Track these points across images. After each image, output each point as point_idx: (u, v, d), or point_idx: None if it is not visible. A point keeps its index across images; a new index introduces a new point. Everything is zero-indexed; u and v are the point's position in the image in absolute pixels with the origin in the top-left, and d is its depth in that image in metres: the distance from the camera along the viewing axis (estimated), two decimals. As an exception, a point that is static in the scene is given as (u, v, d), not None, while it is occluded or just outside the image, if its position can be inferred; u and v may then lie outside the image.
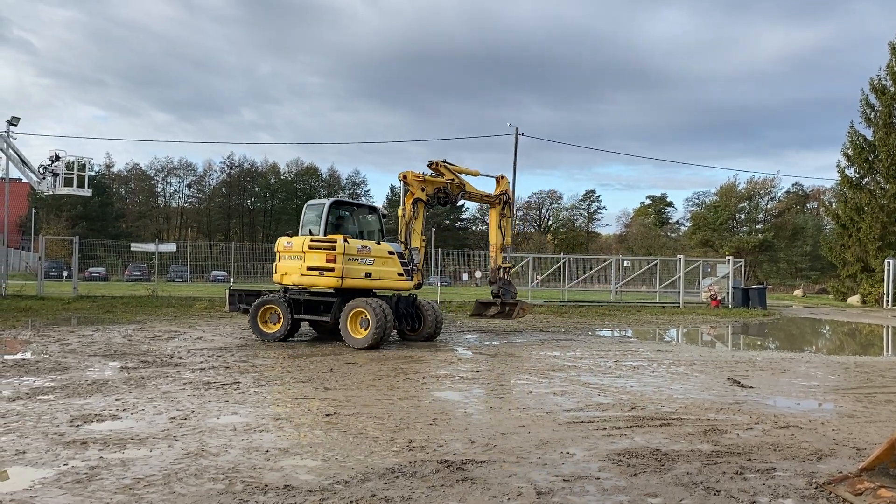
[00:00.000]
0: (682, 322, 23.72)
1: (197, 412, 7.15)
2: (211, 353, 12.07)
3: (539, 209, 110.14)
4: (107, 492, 4.60)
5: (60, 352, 11.72)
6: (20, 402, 7.51)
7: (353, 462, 5.41)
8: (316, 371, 10.17)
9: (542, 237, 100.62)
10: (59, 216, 71.07)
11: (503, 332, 17.90)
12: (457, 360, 11.98)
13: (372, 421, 6.90)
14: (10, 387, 8.41)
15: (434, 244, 72.30)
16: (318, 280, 13.74)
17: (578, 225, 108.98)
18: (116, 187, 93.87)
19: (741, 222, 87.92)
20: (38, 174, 19.56)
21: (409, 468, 5.26)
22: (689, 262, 34.28)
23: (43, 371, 9.63)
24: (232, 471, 5.11)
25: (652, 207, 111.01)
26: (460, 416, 7.30)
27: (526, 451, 5.85)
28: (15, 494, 4.52)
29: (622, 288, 33.42)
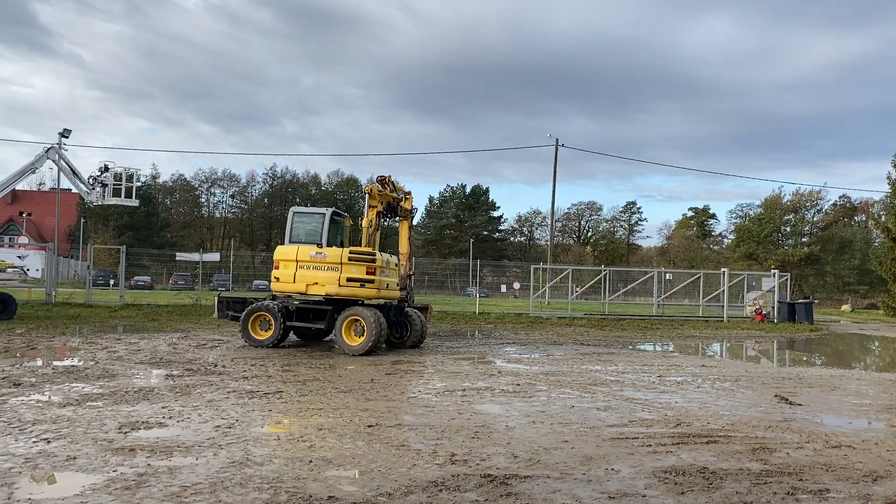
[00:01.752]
0: (727, 336, 23.27)
1: (241, 421, 7.23)
2: (254, 361, 12.20)
3: (578, 220, 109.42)
4: (154, 499, 4.66)
5: (108, 359, 11.96)
6: (70, 408, 7.67)
7: (396, 474, 5.40)
8: (357, 381, 10.21)
9: (582, 249, 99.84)
10: (107, 226, 72.82)
11: (543, 344, 17.77)
12: (497, 372, 11.92)
13: (413, 433, 6.89)
14: (60, 393, 8.60)
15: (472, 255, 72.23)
16: (358, 291, 14.03)
17: (619, 237, 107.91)
18: (162, 198, 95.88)
19: (786, 235, 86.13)
20: (87, 185, 20.05)
21: (452, 482, 5.23)
22: (734, 276, 33.63)
23: (91, 378, 9.84)
24: (276, 481, 5.14)
25: (694, 219, 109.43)
26: (502, 429, 7.25)
27: (570, 467, 5.78)
28: (66, 500, 4.60)
29: (664, 301, 32.96)
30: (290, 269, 14.29)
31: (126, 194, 20.31)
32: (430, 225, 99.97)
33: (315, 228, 15.01)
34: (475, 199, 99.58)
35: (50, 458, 5.60)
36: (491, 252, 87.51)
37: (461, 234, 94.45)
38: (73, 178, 20.24)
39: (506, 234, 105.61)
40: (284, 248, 14.74)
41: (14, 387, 8.86)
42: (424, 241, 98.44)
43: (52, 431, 6.48)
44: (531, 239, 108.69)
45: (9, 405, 7.70)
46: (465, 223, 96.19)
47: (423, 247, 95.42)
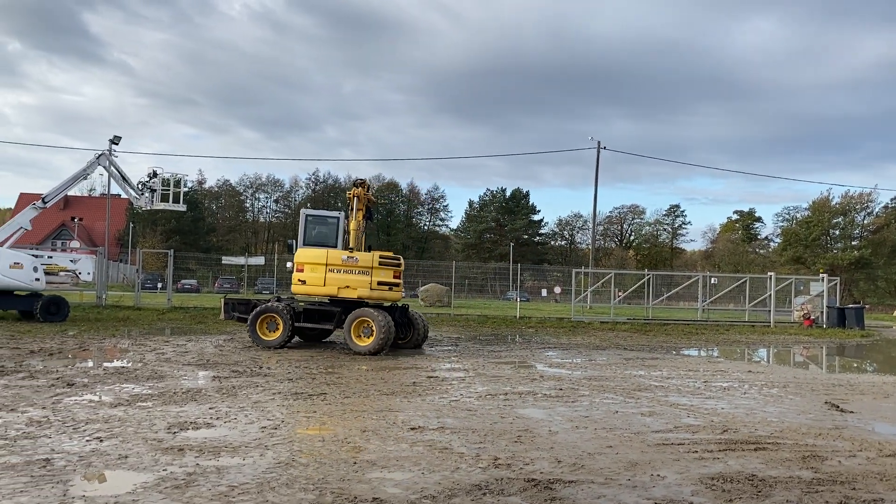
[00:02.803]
0: (774, 342, 22.79)
1: (286, 422, 7.32)
2: (298, 364, 12.34)
3: (620, 224, 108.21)
4: (203, 498, 4.75)
5: (156, 360, 12.22)
6: (121, 408, 7.86)
7: (439, 477, 5.42)
8: (400, 385, 10.25)
9: (624, 253, 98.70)
10: (155, 230, 74.41)
11: (585, 349, 17.62)
12: (538, 377, 11.86)
13: (456, 436, 6.90)
14: (111, 393, 8.82)
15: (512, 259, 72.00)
16: (387, 294, 14.67)
17: (662, 240, 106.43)
18: (208, 203, 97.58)
19: (835, 238, 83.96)
20: (136, 190, 20.53)
21: (496, 486, 5.23)
22: (781, 280, 32.92)
23: (141, 379, 10.06)
24: (322, 482, 5.19)
25: (739, 223, 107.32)
26: (545, 434, 7.21)
27: (615, 473, 5.72)
28: (119, 498, 4.72)
29: (709, 306, 32.39)
30: (318, 273, 14.46)
31: (174, 199, 20.74)
32: (470, 229, 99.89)
33: (329, 231, 15.54)
34: (515, 203, 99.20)
35: (102, 456, 5.75)
36: (531, 256, 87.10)
37: (501, 239, 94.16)
38: (122, 183, 20.73)
39: (546, 238, 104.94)
40: (310, 251, 14.95)
41: (68, 387, 9.11)
42: (464, 245, 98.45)
43: (104, 431, 6.65)
44: (572, 243, 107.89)
45: (63, 405, 7.92)
46: (505, 227, 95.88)
47: (462, 251, 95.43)
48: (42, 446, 5.98)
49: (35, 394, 8.53)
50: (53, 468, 5.34)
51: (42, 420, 7.03)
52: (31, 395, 8.46)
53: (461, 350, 16.11)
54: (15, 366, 10.82)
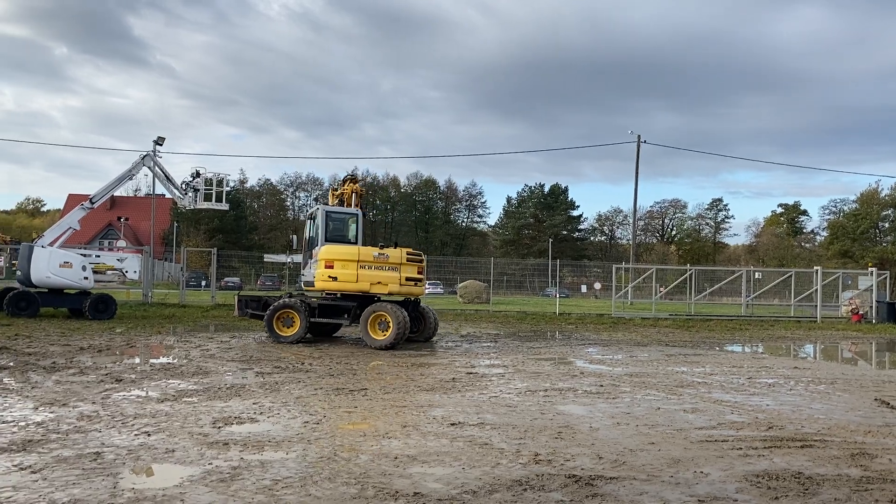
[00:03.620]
0: (821, 338, 22.29)
1: (328, 417, 7.41)
2: (339, 360, 12.46)
3: (662, 219, 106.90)
4: (248, 491, 4.83)
5: (201, 357, 12.46)
6: (167, 403, 8.03)
7: (480, 472, 5.43)
8: (439, 381, 10.29)
9: (665, 248, 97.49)
10: (198, 229, 75.76)
11: (626, 345, 17.45)
12: (579, 373, 11.79)
13: (496, 432, 6.90)
14: (158, 389, 9.02)
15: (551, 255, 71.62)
16: (413, 289, 15.11)
17: (704, 235, 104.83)
18: (250, 201, 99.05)
19: (885, 231, 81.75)
20: (180, 190, 20.92)
21: (537, 482, 5.22)
22: (827, 274, 32.19)
23: (186, 375, 10.27)
24: (363, 476, 5.24)
25: (784, 216, 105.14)
26: (586, 430, 7.17)
27: (657, 469, 5.67)
28: (166, 491, 4.83)
29: (753, 301, 31.82)
30: (350, 269, 14.61)
31: (216, 199, 21.09)
32: (508, 225, 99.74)
33: (348, 228, 16.00)
34: (554, 199, 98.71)
35: (150, 450, 5.89)
36: (570, 252, 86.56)
37: (539, 234, 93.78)
38: (166, 183, 21.14)
39: (586, 234, 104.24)
40: (340, 247, 15.15)
41: (116, 382, 9.34)
42: (502, 241, 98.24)
43: (151, 425, 6.80)
44: (612, 238, 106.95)
45: (111, 400, 8.13)
46: (544, 223, 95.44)
47: (500, 247, 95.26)
48: (92, 440, 6.14)
49: (85, 389, 8.76)
50: (103, 461, 5.48)
51: (92, 415, 7.22)
52: (81, 390, 8.69)
53: (500, 346, 16.09)
54: (66, 362, 11.13)
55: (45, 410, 7.43)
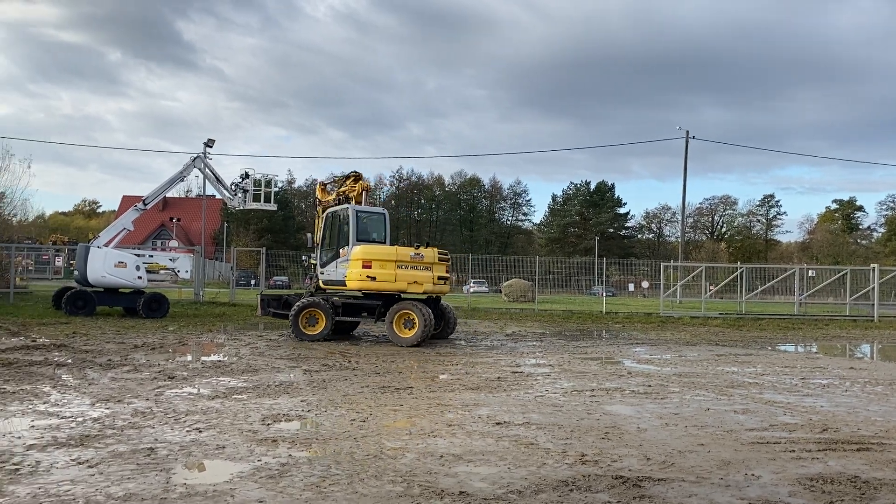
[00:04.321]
0: (878, 337, 21.61)
1: (374, 415, 7.47)
2: (385, 358, 12.55)
3: (711, 216, 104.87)
4: (296, 488, 4.90)
5: (251, 354, 12.68)
6: (218, 400, 8.20)
7: (526, 472, 5.41)
8: (485, 380, 10.28)
9: (715, 245, 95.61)
10: (248, 229, 77.03)
11: (675, 345, 17.19)
12: (626, 373, 11.66)
13: (542, 432, 6.87)
14: (209, 386, 9.21)
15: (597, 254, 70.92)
16: (443, 288, 15.49)
17: (755, 232, 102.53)
18: (297, 201, 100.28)
19: (947, 227, 78.82)
20: (230, 191, 21.30)
21: (583, 482, 5.18)
22: (885, 272, 31.16)
23: (236, 372, 10.46)
24: (409, 474, 5.27)
25: (839, 212, 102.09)
26: (633, 431, 7.09)
27: (706, 471, 5.57)
28: (217, 486, 4.93)
29: (807, 300, 31.00)
30: (388, 269, 14.76)
31: (265, 199, 21.41)
32: (554, 223, 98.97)
33: (378, 227, 16.12)
34: (600, 196, 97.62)
35: (201, 446, 6.02)
36: (617, 250, 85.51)
37: (586, 232, 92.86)
38: (216, 184, 21.56)
39: (633, 232, 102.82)
40: (377, 247, 15.36)
41: (168, 380, 9.57)
42: (548, 239, 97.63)
43: (202, 422, 6.95)
44: (660, 236, 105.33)
45: (164, 397, 8.33)
46: (590, 221, 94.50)
47: (546, 245, 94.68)
48: (146, 436, 6.31)
49: (139, 386, 8.99)
50: (157, 457, 5.62)
51: (146, 411, 7.41)
52: (135, 387, 8.93)
53: (546, 345, 16.01)
54: (121, 359, 11.44)
55: (101, 406, 7.65)
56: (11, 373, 9.77)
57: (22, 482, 4.89)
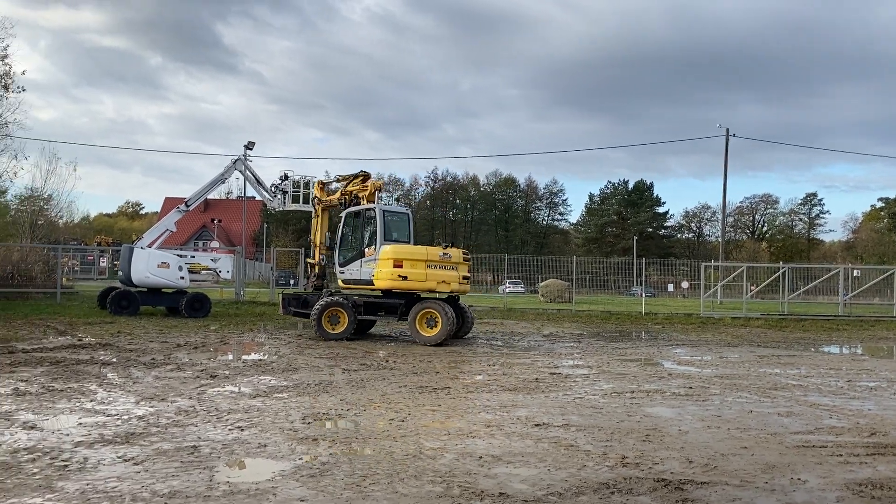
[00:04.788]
0: (928, 339, 20.99)
1: (413, 415, 7.49)
2: (422, 358, 12.58)
3: (752, 215, 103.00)
4: (337, 487, 4.94)
5: (291, 353, 12.81)
6: (259, 398, 8.31)
7: (566, 474, 5.38)
8: (522, 381, 10.24)
9: (756, 245, 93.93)
10: (287, 230, 77.92)
11: (716, 346, 16.92)
12: (666, 374, 11.52)
13: (582, 434, 6.82)
14: (250, 385, 9.33)
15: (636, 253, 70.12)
16: (466, 287, 15.74)
17: (797, 231, 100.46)
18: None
19: None
20: (269, 192, 21.53)
21: (624, 485, 5.13)
22: (935, 272, 30.24)
23: (276, 371, 10.59)
24: (449, 475, 5.28)
25: (885, 210, 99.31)
26: (674, 433, 7.00)
27: (751, 475, 5.47)
28: (259, 484, 4.99)
29: (851, 300, 30.25)
30: (419, 268, 14.91)
31: (304, 200, 21.55)
32: (591, 223, 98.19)
33: (403, 227, 16.21)
34: (638, 195, 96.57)
35: (243, 444, 6.10)
36: (656, 250, 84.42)
37: (624, 232, 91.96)
38: (257, 186, 21.82)
39: (672, 231, 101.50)
40: (408, 247, 15.56)
41: (211, 378, 9.72)
42: (585, 239, 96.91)
43: (244, 420, 7.05)
44: (700, 235, 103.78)
45: (207, 395, 8.46)
46: (628, 220, 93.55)
47: (583, 245, 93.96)
48: (190, 434, 6.42)
49: (182, 385, 9.15)
50: (200, 455, 5.71)
51: (189, 409, 7.54)
52: (178, 385, 9.09)
53: (584, 347, 15.89)
54: (164, 358, 11.65)
55: (145, 405, 7.80)
56: (59, 371, 10.02)
57: (71, 478, 5.01)
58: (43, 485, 4.85)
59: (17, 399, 7.92)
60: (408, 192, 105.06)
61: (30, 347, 12.68)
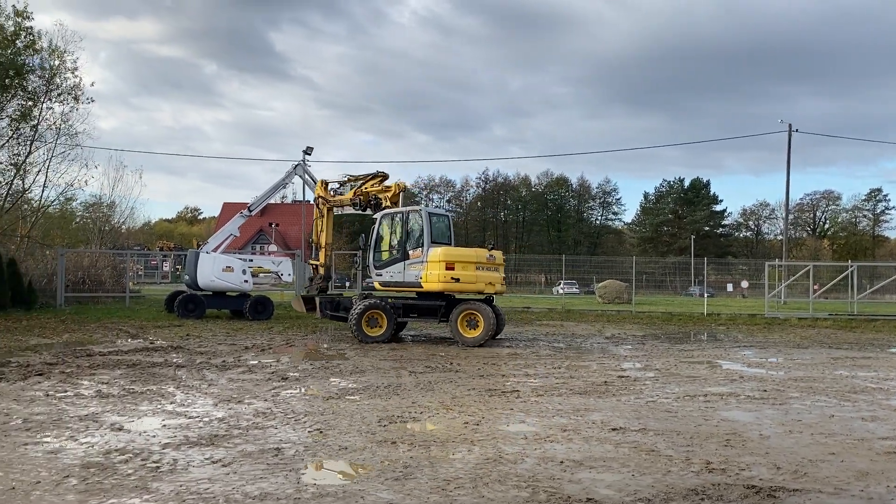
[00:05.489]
0: None
1: (486, 418, 7.49)
2: (486, 360, 12.57)
3: (813, 211, 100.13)
4: (423, 490, 4.97)
5: (356, 356, 12.94)
6: (332, 401, 8.42)
7: (651, 480, 5.30)
8: (591, 384, 10.14)
9: (817, 243, 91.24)
10: (341, 233, 78.85)
11: (785, 347, 16.47)
12: (738, 377, 11.26)
13: (661, 438, 6.71)
14: (322, 387, 9.47)
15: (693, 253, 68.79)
16: (504, 288, 16.07)
17: (861, 228, 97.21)
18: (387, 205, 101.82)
19: None
20: (328, 196, 21.79)
21: (714, 491, 5.03)
22: None
23: (345, 373, 10.72)
24: (532, 479, 5.25)
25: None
26: (756, 438, 6.83)
27: (844, 482, 5.31)
28: (346, 487, 5.05)
29: (925, 299, 29.12)
30: (470, 270, 15.06)
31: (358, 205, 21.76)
32: (646, 222, 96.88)
33: (444, 229, 16.23)
34: (695, 193, 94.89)
35: (324, 447, 6.19)
36: (714, 249, 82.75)
37: (680, 231, 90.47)
38: (314, 190, 22.12)
39: (730, 230, 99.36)
40: (460, 250, 15.94)
41: (282, 380, 9.88)
42: (640, 239, 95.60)
43: (321, 423, 7.15)
44: (758, 234, 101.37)
45: (281, 397, 8.61)
46: (684, 219, 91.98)
47: (638, 245, 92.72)
48: (271, 436, 6.53)
49: (256, 387, 9.33)
50: (284, 457, 5.81)
51: (266, 411, 7.68)
52: (252, 387, 9.27)
53: (648, 349, 15.65)
54: (234, 360, 11.90)
55: (223, 407, 7.98)
56: (137, 373, 10.32)
57: (164, 479, 5.15)
58: (139, 486, 4.99)
59: (102, 401, 8.19)
60: (458, 194, 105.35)
61: (105, 350, 13.11)
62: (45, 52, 25.51)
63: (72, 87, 25.97)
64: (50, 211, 29.34)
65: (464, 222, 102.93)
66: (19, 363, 11.14)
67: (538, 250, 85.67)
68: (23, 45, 24.69)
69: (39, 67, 25.69)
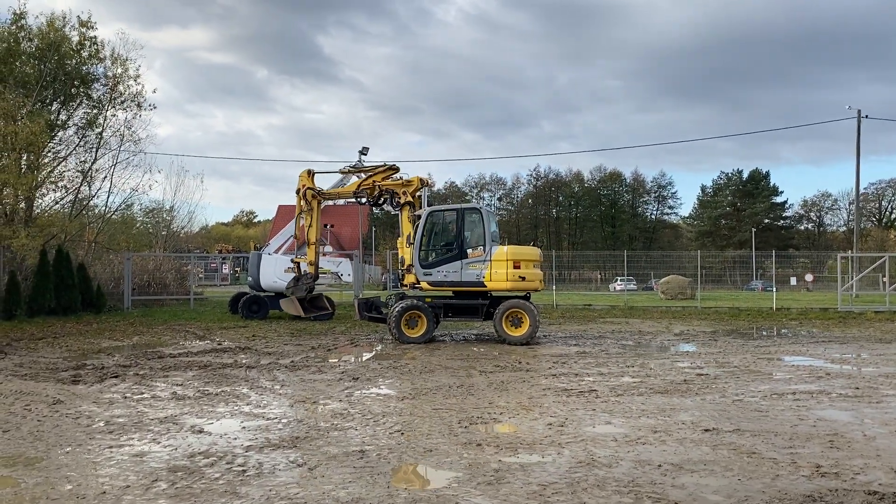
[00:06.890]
0: None
1: (570, 419, 7.23)
2: (555, 359, 12.28)
3: (878, 201, 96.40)
4: (518, 496, 4.75)
5: (422, 355, 12.78)
6: (407, 401, 8.30)
7: (761, 485, 4.98)
8: (670, 382, 9.77)
9: (884, 234, 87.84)
10: (393, 233, 79.26)
11: (867, 342, 15.73)
12: (824, 374, 10.72)
13: (758, 440, 6.35)
14: (393, 387, 9.34)
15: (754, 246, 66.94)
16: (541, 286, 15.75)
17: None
18: (437, 204, 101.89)
19: None
20: (382, 196, 21.76)
21: (832, 497, 4.69)
22: None
23: (414, 373, 10.55)
24: (632, 484, 4.99)
25: None
26: (860, 439, 6.42)
27: (974, 488, 4.90)
28: (439, 492, 4.87)
29: None
30: (531, 269, 15.08)
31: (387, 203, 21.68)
32: (704, 216, 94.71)
33: (494, 228, 15.96)
34: (754, 185, 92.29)
35: (409, 449, 6.02)
36: (775, 241, 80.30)
37: (739, 224, 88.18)
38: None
39: (791, 222, 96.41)
40: (523, 248, 15.85)
41: (353, 381, 9.78)
42: (698, 233, 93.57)
43: (401, 424, 7.00)
44: (820, 225, 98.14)
45: (355, 398, 8.50)
46: (744, 212, 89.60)
47: (696, 239, 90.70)
48: (352, 438, 6.40)
49: (328, 387, 9.25)
50: (369, 459, 5.67)
51: (343, 412, 7.56)
52: (325, 388, 9.19)
53: (721, 345, 15.10)
54: (302, 360, 11.88)
55: (300, 408, 7.91)
56: (209, 375, 10.35)
57: (252, 483, 5.05)
58: (228, 490, 4.90)
59: (178, 403, 8.20)
60: (510, 191, 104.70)
61: (175, 352, 13.24)
62: (108, 61, 26.12)
63: (134, 94, 26.53)
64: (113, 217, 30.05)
65: (515, 220, 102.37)
66: (94, 365, 11.30)
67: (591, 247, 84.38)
68: (87, 54, 25.30)
69: (103, 76, 26.33)
